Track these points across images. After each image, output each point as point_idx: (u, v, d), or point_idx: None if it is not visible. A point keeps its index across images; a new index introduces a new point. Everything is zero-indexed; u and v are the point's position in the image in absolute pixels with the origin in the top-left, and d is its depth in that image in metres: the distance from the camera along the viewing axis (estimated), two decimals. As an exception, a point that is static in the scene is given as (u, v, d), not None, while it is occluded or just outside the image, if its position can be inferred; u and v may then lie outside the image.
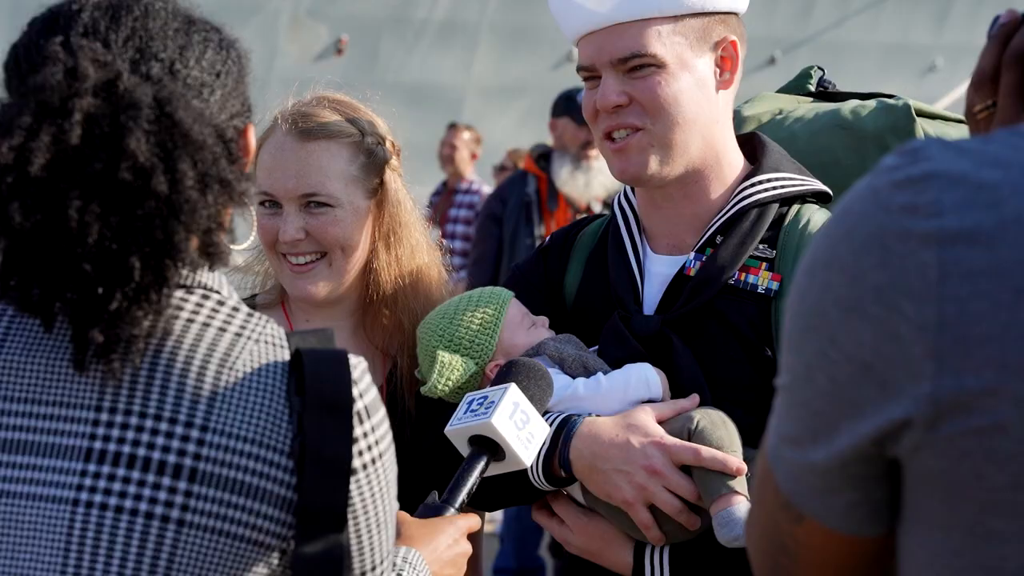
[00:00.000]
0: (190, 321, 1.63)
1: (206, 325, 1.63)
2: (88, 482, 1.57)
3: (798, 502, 1.34)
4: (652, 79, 2.43)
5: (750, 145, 2.59)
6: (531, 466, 2.39)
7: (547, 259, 2.70)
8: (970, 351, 1.18)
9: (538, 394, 2.32)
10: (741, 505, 2.28)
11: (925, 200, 1.21)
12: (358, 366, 1.65)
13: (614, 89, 2.44)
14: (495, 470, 2.28)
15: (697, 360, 2.43)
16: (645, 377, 2.43)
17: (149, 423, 1.57)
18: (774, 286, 2.43)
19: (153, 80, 1.60)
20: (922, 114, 2.73)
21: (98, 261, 1.53)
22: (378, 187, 2.73)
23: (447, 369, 2.53)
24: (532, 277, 2.69)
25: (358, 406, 1.63)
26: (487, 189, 9.86)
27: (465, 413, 2.27)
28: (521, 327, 2.57)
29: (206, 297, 1.66)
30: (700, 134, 2.46)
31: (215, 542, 1.57)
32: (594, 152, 7.51)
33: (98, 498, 1.57)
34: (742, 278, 2.46)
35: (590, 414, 2.42)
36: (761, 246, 2.47)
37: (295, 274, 2.69)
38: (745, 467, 2.29)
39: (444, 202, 9.73)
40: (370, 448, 1.64)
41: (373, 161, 2.72)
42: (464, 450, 2.27)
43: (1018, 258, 1.17)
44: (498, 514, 7.67)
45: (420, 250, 2.79)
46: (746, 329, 2.42)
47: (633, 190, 2.61)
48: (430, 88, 13.47)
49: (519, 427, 2.24)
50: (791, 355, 1.30)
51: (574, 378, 2.48)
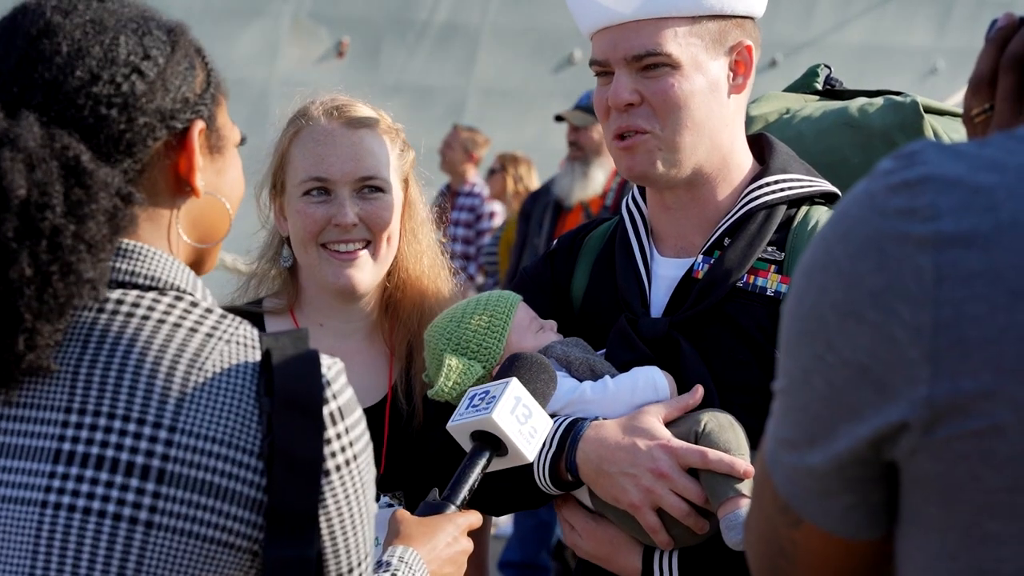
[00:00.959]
0: (160, 322, 1.62)
1: (177, 326, 1.62)
2: (56, 483, 1.57)
3: (796, 505, 1.34)
4: (665, 79, 2.42)
5: (758, 146, 2.59)
6: (537, 470, 2.39)
7: (554, 262, 2.70)
8: (967, 354, 1.18)
9: (541, 388, 2.30)
10: (747, 508, 2.27)
11: (921, 204, 1.21)
12: (332, 367, 1.64)
13: (627, 87, 2.43)
14: (497, 466, 2.27)
15: (705, 363, 2.42)
16: (652, 380, 2.42)
17: (117, 424, 1.57)
18: (783, 289, 2.42)
19: (23, 112, 1.58)
20: (930, 111, 2.71)
21: None
22: (406, 182, 2.76)
23: (454, 372, 2.53)
24: (540, 280, 2.69)
25: (331, 407, 1.62)
26: (488, 192, 9.87)
27: (467, 408, 2.26)
28: (529, 330, 2.57)
29: (179, 299, 1.66)
30: (708, 137, 2.45)
31: (184, 544, 1.57)
32: (580, 154, 7.56)
33: (66, 499, 1.56)
34: (751, 281, 2.45)
35: (597, 417, 2.42)
36: (770, 248, 2.46)
37: (341, 262, 2.67)
38: (753, 470, 2.28)
39: (446, 204, 9.74)
40: (344, 449, 1.62)
41: (406, 155, 2.75)
42: (466, 446, 2.26)
43: (1014, 261, 1.18)
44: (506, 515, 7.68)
45: (432, 250, 2.81)
46: (755, 332, 2.40)
47: (643, 193, 2.60)
48: (431, 90, 13.47)
49: (521, 422, 2.23)
50: (788, 359, 1.31)
51: (581, 381, 2.47)
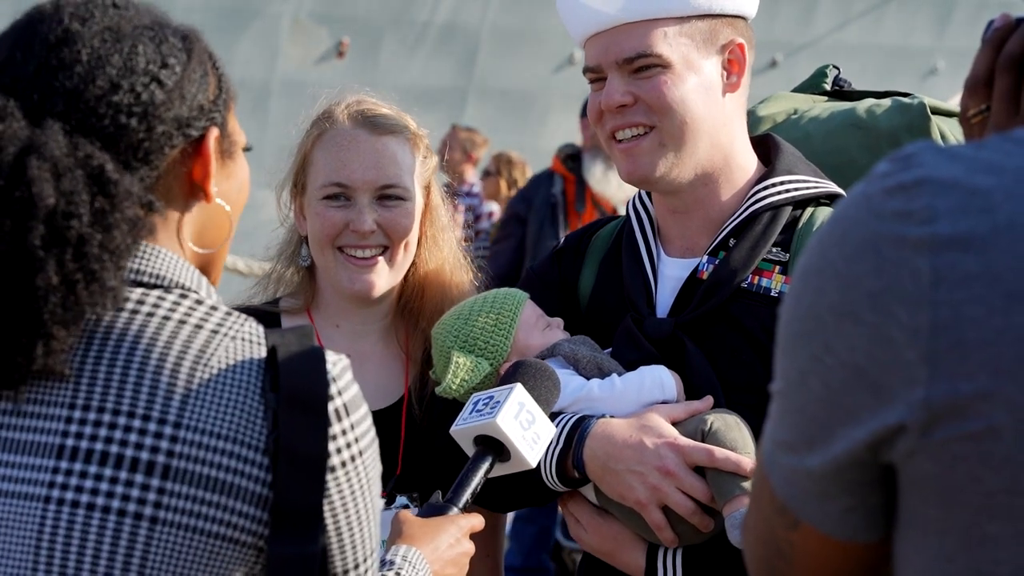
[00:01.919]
0: (165, 319, 1.62)
1: (182, 323, 1.63)
2: (61, 479, 1.57)
3: (794, 507, 1.34)
4: (658, 79, 2.42)
5: (764, 147, 2.58)
6: (544, 467, 2.39)
7: (561, 261, 2.70)
8: (964, 356, 1.18)
9: (544, 395, 2.31)
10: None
11: (918, 206, 1.21)
12: (338, 363, 1.64)
13: (619, 89, 2.43)
14: (500, 471, 2.27)
15: (710, 363, 2.43)
16: (660, 379, 2.42)
17: (123, 420, 1.57)
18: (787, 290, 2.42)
19: (47, 121, 1.59)
20: (938, 112, 2.71)
21: None
22: (427, 187, 2.75)
23: (461, 370, 2.53)
24: (547, 278, 2.70)
25: (336, 403, 1.62)
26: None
27: (471, 413, 2.27)
28: (536, 328, 2.57)
29: (184, 296, 1.66)
30: (708, 136, 2.45)
31: (189, 539, 1.57)
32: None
33: (70, 495, 1.57)
34: (756, 281, 2.45)
35: (604, 415, 2.42)
36: (775, 249, 2.46)
37: (357, 267, 2.68)
38: None
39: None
40: (348, 446, 1.63)
41: (428, 160, 2.76)
42: (469, 450, 2.27)
43: (1011, 263, 1.18)
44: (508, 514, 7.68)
45: (453, 255, 2.81)
46: (759, 333, 2.40)
47: (649, 194, 2.60)
48: (431, 91, 13.46)
49: (524, 427, 2.23)
50: (785, 360, 1.31)
51: (588, 379, 2.48)
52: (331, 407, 1.61)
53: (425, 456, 2.67)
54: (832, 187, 2.53)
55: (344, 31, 13.48)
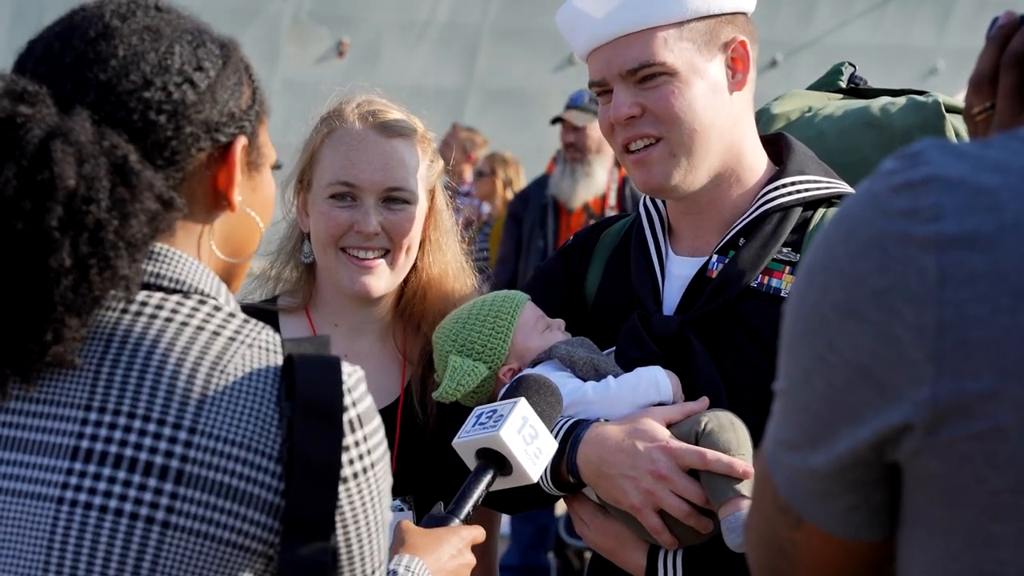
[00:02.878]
0: (184, 324, 1.62)
1: (200, 329, 1.63)
2: (74, 481, 1.57)
3: (797, 506, 1.33)
4: (664, 88, 2.42)
5: (775, 146, 2.57)
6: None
7: (569, 258, 2.70)
8: (970, 355, 1.18)
9: (547, 410, 2.31)
10: (748, 509, 2.26)
11: (924, 204, 1.21)
12: (353, 374, 1.64)
13: (625, 101, 2.43)
14: (501, 484, 2.28)
15: (715, 362, 2.42)
16: (655, 380, 2.41)
17: (137, 423, 1.57)
18: None
19: (77, 108, 1.59)
20: (952, 110, 2.69)
21: None
22: (432, 191, 2.76)
23: (458, 373, 2.53)
24: (554, 276, 2.70)
25: (350, 414, 1.62)
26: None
27: (474, 426, 2.27)
28: (535, 330, 2.57)
29: (202, 303, 1.66)
30: (719, 139, 2.44)
31: (200, 545, 1.57)
32: (578, 155, 7.55)
33: (83, 497, 1.56)
34: (765, 281, 2.44)
35: (599, 419, 2.42)
36: (785, 250, 2.45)
37: (358, 268, 2.68)
38: (752, 470, 2.28)
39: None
40: (362, 457, 1.63)
41: (435, 164, 2.76)
42: (471, 463, 2.27)
43: (1017, 262, 1.17)
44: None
45: (456, 260, 2.81)
46: (767, 333, 2.39)
47: None
48: (431, 90, 13.47)
49: (527, 442, 2.24)
50: (789, 359, 1.30)
51: (585, 381, 2.47)
52: (346, 418, 1.61)
53: (420, 459, 2.68)
54: (844, 187, 2.52)
55: (344, 31, 13.49)
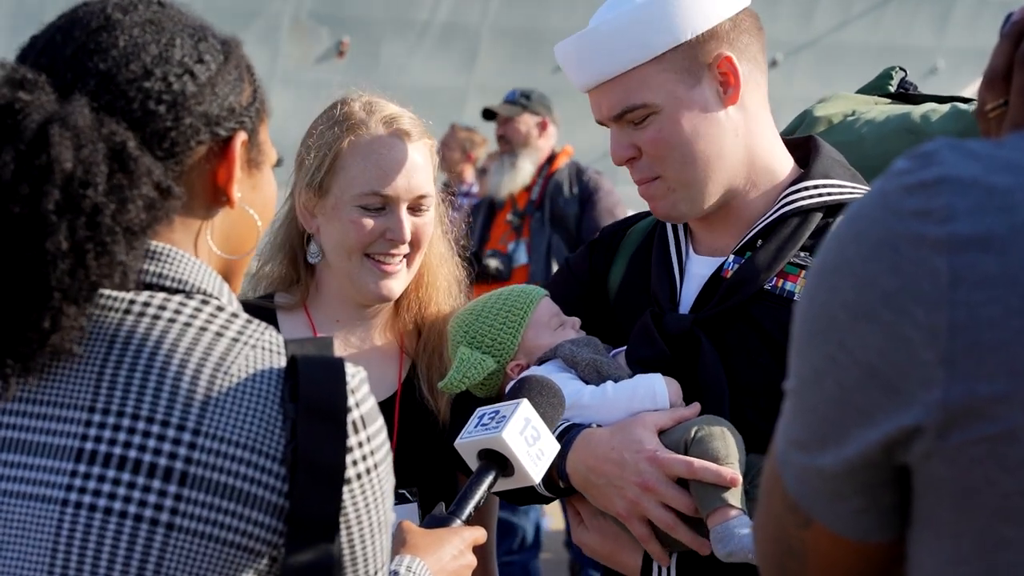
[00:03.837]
0: (187, 325, 1.62)
1: (203, 330, 1.62)
2: (78, 482, 1.57)
3: (806, 506, 1.33)
4: (652, 127, 2.42)
5: (804, 149, 2.56)
6: None
7: (594, 253, 2.72)
8: (982, 358, 1.17)
9: (549, 412, 2.31)
10: (736, 520, 2.26)
11: (937, 205, 1.20)
12: (356, 375, 1.64)
13: (621, 144, 2.46)
14: (503, 485, 2.28)
15: (724, 362, 2.42)
16: (652, 389, 2.41)
17: (141, 425, 1.57)
18: None
19: (75, 95, 1.59)
20: None
21: None
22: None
23: (465, 365, 2.55)
24: (576, 270, 2.72)
25: (354, 415, 1.62)
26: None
27: (476, 427, 2.27)
28: (547, 328, 2.57)
29: (205, 303, 1.66)
30: (719, 160, 2.43)
31: (204, 547, 1.57)
32: (507, 147, 7.66)
33: (87, 499, 1.56)
34: (780, 284, 2.43)
35: (592, 423, 2.42)
36: (802, 254, 2.44)
37: (383, 273, 2.71)
38: (740, 479, 2.28)
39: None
40: (365, 458, 1.63)
41: (437, 164, 2.80)
42: (473, 463, 2.27)
43: (1030, 264, 1.17)
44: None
45: (447, 249, 2.85)
46: (778, 336, 2.38)
47: None
48: (431, 90, 13.47)
49: (529, 443, 2.24)
50: (799, 359, 1.30)
51: (587, 383, 2.47)
52: (349, 419, 1.61)
53: (419, 451, 2.69)
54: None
55: (344, 31, 13.49)
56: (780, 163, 2.51)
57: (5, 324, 1.55)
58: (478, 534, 2.22)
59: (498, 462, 2.24)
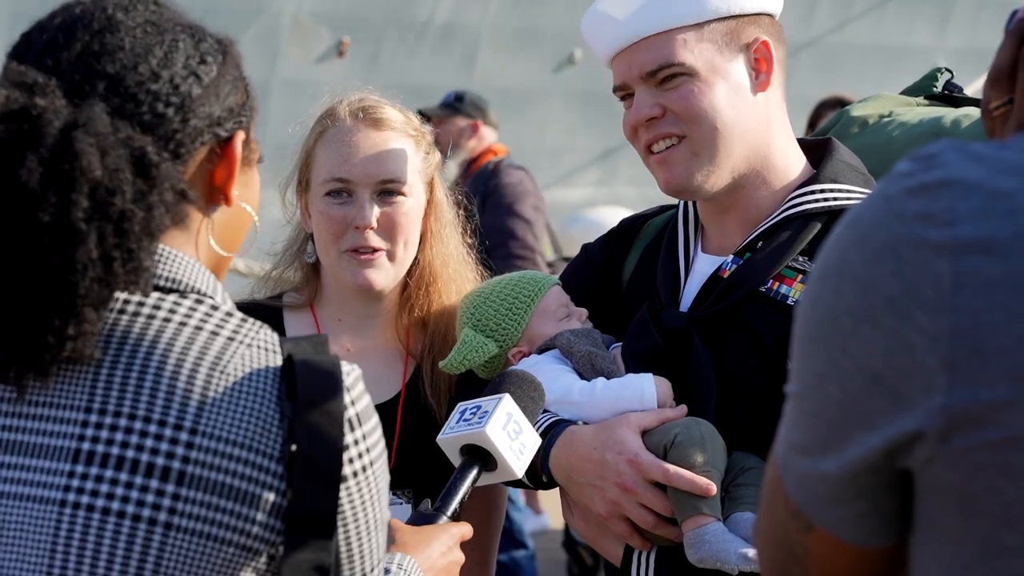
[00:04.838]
0: (182, 325, 1.62)
1: (198, 329, 1.62)
2: (76, 483, 1.57)
3: (808, 511, 1.33)
4: (684, 88, 2.42)
5: (821, 150, 2.56)
6: None
7: (610, 243, 2.73)
8: (984, 363, 1.16)
9: (530, 405, 2.32)
10: (708, 527, 2.28)
11: (939, 208, 1.19)
12: (351, 373, 1.64)
13: (647, 102, 2.44)
14: (487, 480, 2.28)
15: (715, 362, 2.42)
16: (640, 390, 2.41)
17: (138, 425, 1.57)
18: None
19: (90, 100, 1.59)
20: None
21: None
22: (430, 184, 2.78)
23: (466, 347, 2.56)
24: (592, 258, 2.73)
25: (349, 413, 1.62)
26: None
27: (458, 422, 2.27)
28: (552, 317, 2.57)
29: (199, 302, 1.66)
30: (741, 140, 2.44)
31: (202, 546, 1.57)
32: (441, 149, 7.70)
33: (85, 499, 1.56)
34: (775, 287, 2.43)
35: (578, 420, 2.43)
36: (801, 258, 2.44)
37: (360, 263, 2.70)
38: (714, 488, 2.29)
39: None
40: (360, 456, 1.63)
41: (431, 157, 2.79)
42: (455, 459, 2.27)
43: (1034, 269, 1.16)
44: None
45: (458, 252, 2.83)
46: (768, 338, 2.39)
47: None
48: (432, 90, 13.47)
49: (512, 438, 2.25)
50: (801, 363, 1.29)
51: (581, 375, 2.48)
52: (345, 416, 1.61)
53: (421, 453, 2.68)
54: None
55: (344, 31, 13.47)
56: (792, 163, 2.52)
57: (28, 332, 1.55)
58: (465, 530, 2.22)
59: (481, 457, 2.25)
